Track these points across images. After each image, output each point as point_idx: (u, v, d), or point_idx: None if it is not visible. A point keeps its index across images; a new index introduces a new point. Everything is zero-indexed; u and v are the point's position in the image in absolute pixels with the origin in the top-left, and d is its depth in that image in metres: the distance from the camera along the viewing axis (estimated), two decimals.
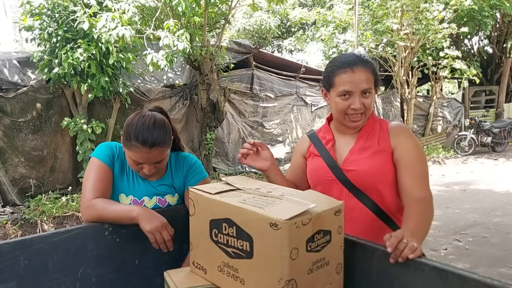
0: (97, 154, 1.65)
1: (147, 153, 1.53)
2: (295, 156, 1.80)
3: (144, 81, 7.23)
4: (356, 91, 1.52)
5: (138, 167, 1.60)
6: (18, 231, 4.89)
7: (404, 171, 1.51)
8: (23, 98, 5.87)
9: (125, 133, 1.57)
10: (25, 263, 1.30)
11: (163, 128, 1.57)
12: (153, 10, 7.26)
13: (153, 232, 1.39)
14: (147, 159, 1.56)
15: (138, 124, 1.54)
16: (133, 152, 1.55)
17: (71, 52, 5.42)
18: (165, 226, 1.42)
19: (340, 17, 10.89)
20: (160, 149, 1.55)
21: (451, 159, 11.08)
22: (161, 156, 1.58)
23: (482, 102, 14.87)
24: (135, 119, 1.58)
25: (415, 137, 1.62)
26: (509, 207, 6.13)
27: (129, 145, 1.55)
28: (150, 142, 1.52)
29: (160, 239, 1.40)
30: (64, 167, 6.35)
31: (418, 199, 1.44)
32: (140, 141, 1.51)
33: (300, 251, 1.04)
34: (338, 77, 1.54)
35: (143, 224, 1.41)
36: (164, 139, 1.56)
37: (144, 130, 1.52)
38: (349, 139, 1.63)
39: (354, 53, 1.61)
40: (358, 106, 1.52)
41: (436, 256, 4.19)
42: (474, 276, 1.00)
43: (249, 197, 1.18)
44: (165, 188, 1.72)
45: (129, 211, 1.45)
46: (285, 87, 9.68)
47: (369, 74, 1.53)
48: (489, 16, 10.84)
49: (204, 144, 7.58)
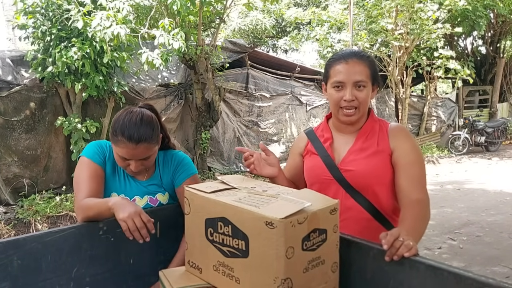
0: (87, 153, 1.64)
1: (133, 149, 1.52)
2: (291, 155, 1.79)
3: (138, 80, 7.20)
4: (348, 81, 1.52)
5: (125, 163, 1.58)
6: (12, 231, 4.86)
7: (402, 173, 1.51)
8: (17, 97, 5.82)
9: (112, 128, 1.56)
10: (18, 263, 1.29)
11: (150, 124, 1.57)
12: (148, 9, 7.24)
13: (125, 220, 1.34)
14: (133, 155, 1.54)
15: (125, 120, 1.54)
16: (119, 148, 1.54)
17: (65, 51, 5.39)
18: (139, 213, 1.35)
19: (335, 17, 10.89)
20: (146, 145, 1.54)
21: (445, 159, 11.14)
22: (148, 152, 1.57)
23: (476, 102, 14.96)
24: (122, 114, 1.58)
25: (414, 139, 1.63)
26: (502, 206, 6.18)
27: (116, 141, 1.54)
28: (136, 138, 1.51)
29: (132, 227, 1.33)
30: (58, 166, 6.31)
31: (415, 201, 1.44)
32: (126, 136, 1.51)
33: (296, 250, 1.04)
34: (333, 69, 1.56)
35: (117, 213, 1.37)
36: (151, 136, 1.56)
37: (130, 126, 1.52)
38: (348, 138, 1.63)
39: (353, 49, 1.62)
40: (349, 97, 1.52)
41: (431, 255, 4.20)
42: (469, 275, 1.00)
43: (245, 196, 1.17)
44: (155, 187, 1.71)
45: (106, 202, 1.43)
46: (280, 87, 9.68)
47: (363, 67, 1.54)
48: (483, 16, 10.90)
49: (199, 144, 7.57)
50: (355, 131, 1.62)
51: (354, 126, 1.63)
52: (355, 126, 1.63)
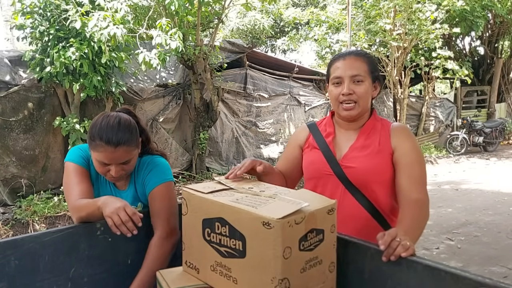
0: (71, 158, 1.62)
1: (112, 153, 1.49)
2: (290, 146, 1.77)
3: (137, 80, 7.19)
4: (345, 76, 1.56)
5: (105, 169, 1.53)
6: (10, 231, 4.85)
7: (403, 173, 1.51)
8: (15, 97, 5.82)
9: (90, 133, 1.52)
10: (16, 263, 1.29)
11: (129, 127, 1.54)
12: (146, 9, 7.23)
13: (110, 215, 1.32)
14: (113, 159, 1.50)
15: (102, 124, 1.51)
16: (98, 153, 1.50)
17: (63, 51, 5.38)
18: (123, 208, 1.33)
19: (333, 17, 10.91)
20: (125, 149, 1.51)
21: (443, 159, 11.16)
22: (127, 156, 1.53)
23: (474, 102, 15.00)
24: (99, 119, 1.55)
25: (415, 139, 1.63)
26: (500, 206, 6.19)
27: (94, 145, 1.50)
28: (114, 141, 1.48)
29: (117, 221, 1.31)
30: (56, 166, 6.30)
31: (414, 201, 1.44)
32: (104, 140, 1.47)
33: (293, 250, 1.04)
34: (332, 67, 1.61)
35: (104, 210, 1.35)
36: (129, 139, 1.52)
37: (108, 130, 1.49)
38: (350, 135, 1.63)
39: (352, 49, 1.66)
40: (346, 90, 1.55)
41: (428, 255, 4.21)
42: (466, 274, 1.00)
43: (242, 196, 1.17)
44: (131, 198, 1.68)
45: (95, 202, 1.42)
46: (278, 87, 9.68)
47: (361, 62, 1.57)
48: (481, 16, 10.93)
49: (198, 144, 7.56)
50: (357, 128, 1.63)
51: (356, 123, 1.63)
52: (357, 123, 1.63)
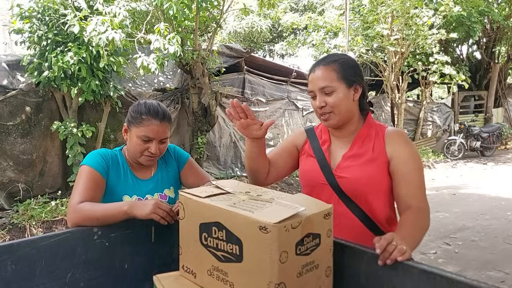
0: (89, 162, 1.65)
1: (158, 126, 1.64)
2: (286, 142, 1.77)
3: (135, 84, 7.20)
4: (315, 89, 1.54)
5: (144, 146, 1.65)
6: (6, 236, 4.83)
7: (402, 181, 1.48)
8: (12, 102, 5.81)
9: (134, 112, 1.67)
10: (12, 267, 1.29)
11: (166, 109, 1.74)
12: (144, 14, 7.24)
13: (153, 212, 1.42)
14: (157, 133, 1.64)
15: (146, 102, 1.69)
16: (143, 127, 1.63)
17: (61, 55, 5.38)
18: (158, 204, 1.44)
19: (331, 22, 10.96)
20: (167, 125, 1.69)
21: (441, 163, 11.18)
22: (167, 133, 1.69)
23: (471, 107, 15.05)
24: (140, 102, 1.71)
25: (412, 143, 1.59)
26: (497, 211, 6.20)
27: (140, 120, 1.64)
28: (161, 115, 1.65)
29: (162, 214, 1.43)
30: (54, 171, 6.28)
31: (414, 210, 1.42)
32: (152, 113, 1.64)
33: (290, 254, 1.04)
34: (308, 80, 1.59)
35: (139, 212, 1.44)
36: (170, 116, 1.71)
37: (153, 106, 1.67)
38: (343, 143, 1.61)
39: (325, 56, 1.63)
40: (318, 104, 1.53)
41: (426, 260, 4.21)
42: (461, 279, 1.01)
43: (239, 201, 1.18)
44: (160, 183, 1.78)
45: (120, 206, 1.47)
46: (276, 92, 9.69)
47: (329, 71, 1.52)
48: (478, 22, 11.00)
49: (196, 148, 7.56)
50: (350, 135, 1.60)
51: (345, 130, 1.61)
52: (347, 130, 1.61)
